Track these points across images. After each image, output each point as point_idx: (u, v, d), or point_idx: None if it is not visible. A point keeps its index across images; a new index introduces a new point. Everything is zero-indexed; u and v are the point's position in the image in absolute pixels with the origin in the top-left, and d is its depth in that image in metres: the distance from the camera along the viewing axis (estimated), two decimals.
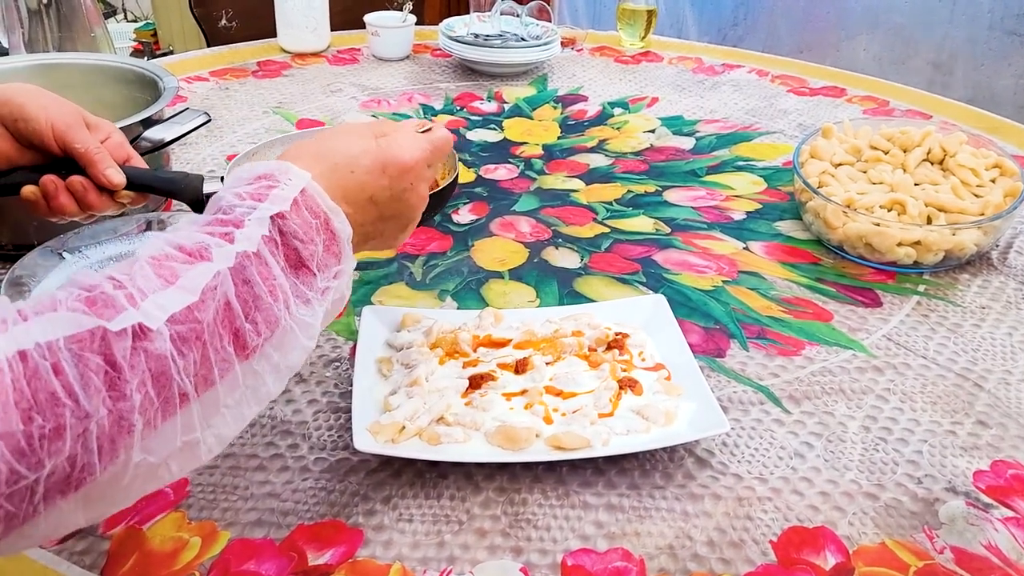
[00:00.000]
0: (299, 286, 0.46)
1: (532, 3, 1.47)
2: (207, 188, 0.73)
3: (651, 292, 0.84)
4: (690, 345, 0.71)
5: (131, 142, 0.82)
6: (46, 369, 0.36)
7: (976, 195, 0.93)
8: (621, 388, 0.66)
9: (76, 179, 0.67)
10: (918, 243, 0.87)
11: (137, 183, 0.70)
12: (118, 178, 0.68)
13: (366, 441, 0.60)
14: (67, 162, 0.67)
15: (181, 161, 1.07)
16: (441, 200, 0.81)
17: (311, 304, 0.47)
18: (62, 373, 0.36)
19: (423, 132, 0.56)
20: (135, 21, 3.35)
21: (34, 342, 0.36)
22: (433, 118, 1.26)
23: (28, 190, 0.66)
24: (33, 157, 0.67)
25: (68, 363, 0.37)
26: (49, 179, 0.66)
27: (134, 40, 3.16)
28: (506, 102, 1.33)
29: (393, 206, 0.53)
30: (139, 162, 0.71)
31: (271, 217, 0.46)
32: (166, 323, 0.40)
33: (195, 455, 0.43)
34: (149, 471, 0.40)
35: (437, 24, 1.52)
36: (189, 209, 0.71)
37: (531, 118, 1.28)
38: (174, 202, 0.97)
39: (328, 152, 0.51)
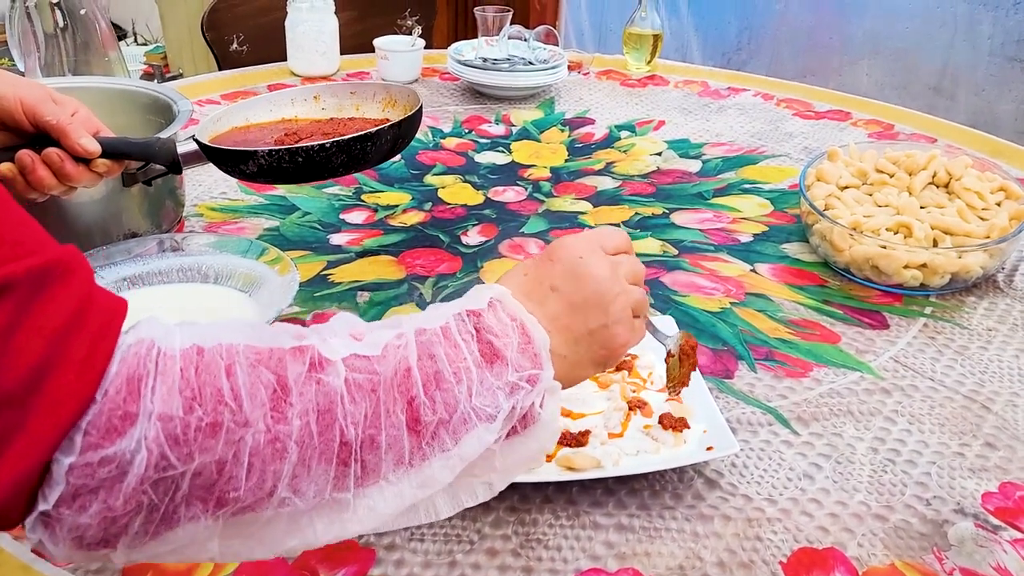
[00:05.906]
0: (489, 378, 0.44)
1: (539, 28, 1.49)
2: (180, 149, 0.74)
3: (659, 314, 0.85)
4: (699, 366, 0.72)
5: (145, 165, 0.83)
6: (219, 367, 0.37)
7: (982, 218, 0.93)
8: (631, 409, 0.67)
9: (51, 151, 0.68)
10: (924, 266, 0.87)
11: (112, 151, 0.71)
12: (92, 146, 0.69)
13: None
14: (40, 139, 0.68)
15: (194, 183, 1.08)
16: (412, 127, 0.80)
17: (496, 396, 0.44)
18: (233, 376, 0.37)
19: None
20: (145, 44, 3.39)
21: (216, 340, 0.38)
22: (442, 140, 1.28)
23: (4, 167, 0.66)
24: (4, 139, 0.67)
25: (242, 368, 0.37)
26: (24, 153, 0.67)
27: (144, 63, 3.20)
28: (514, 125, 1.35)
29: (575, 284, 0.50)
30: (109, 134, 0.72)
31: (466, 310, 0.46)
32: (344, 364, 0.40)
33: (341, 519, 0.41)
34: (292, 516, 0.40)
35: (445, 48, 1.54)
36: (202, 230, 0.73)
37: (539, 141, 1.29)
38: (186, 223, 0.98)
39: (505, 275, 0.52)
